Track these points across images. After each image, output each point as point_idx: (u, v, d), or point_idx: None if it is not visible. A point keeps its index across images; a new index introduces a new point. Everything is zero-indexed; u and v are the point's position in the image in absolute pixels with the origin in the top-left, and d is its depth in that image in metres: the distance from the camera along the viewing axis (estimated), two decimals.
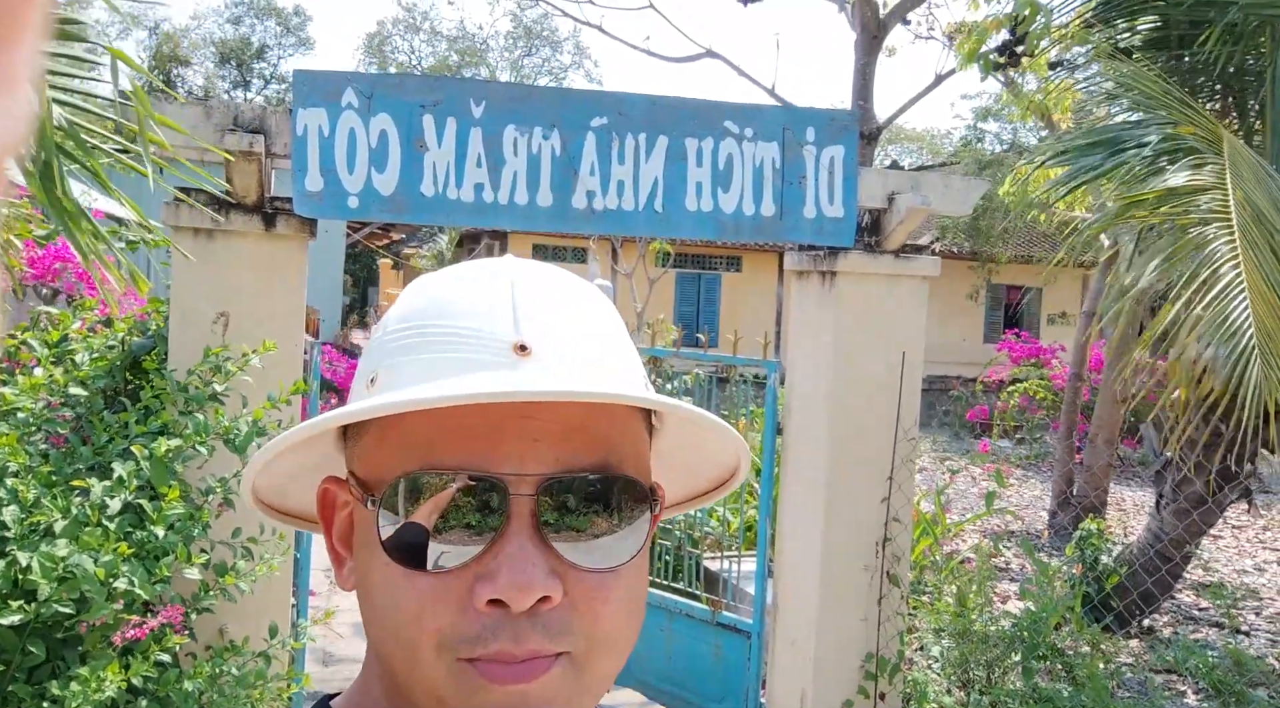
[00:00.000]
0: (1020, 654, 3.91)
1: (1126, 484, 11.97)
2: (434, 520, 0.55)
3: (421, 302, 0.61)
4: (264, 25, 37.00)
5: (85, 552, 2.17)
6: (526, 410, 0.56)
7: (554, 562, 0.55)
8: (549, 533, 0.55)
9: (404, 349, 0.58)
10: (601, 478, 0.57)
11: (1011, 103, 10.25)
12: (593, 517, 0.57)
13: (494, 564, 0.54)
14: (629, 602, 0.58)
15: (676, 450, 0.68)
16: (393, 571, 0.56)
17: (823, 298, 3.91)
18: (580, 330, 0.59)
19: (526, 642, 0.54)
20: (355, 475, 0.60)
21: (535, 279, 0.61)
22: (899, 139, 37.52)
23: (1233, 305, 3.44)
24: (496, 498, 0.55)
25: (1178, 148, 3.88)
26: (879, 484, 3.89)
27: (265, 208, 3.16)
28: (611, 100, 3.46)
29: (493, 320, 0.57)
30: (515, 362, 0.55)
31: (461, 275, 0.62)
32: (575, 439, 0.57)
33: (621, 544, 0.58)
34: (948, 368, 19.28)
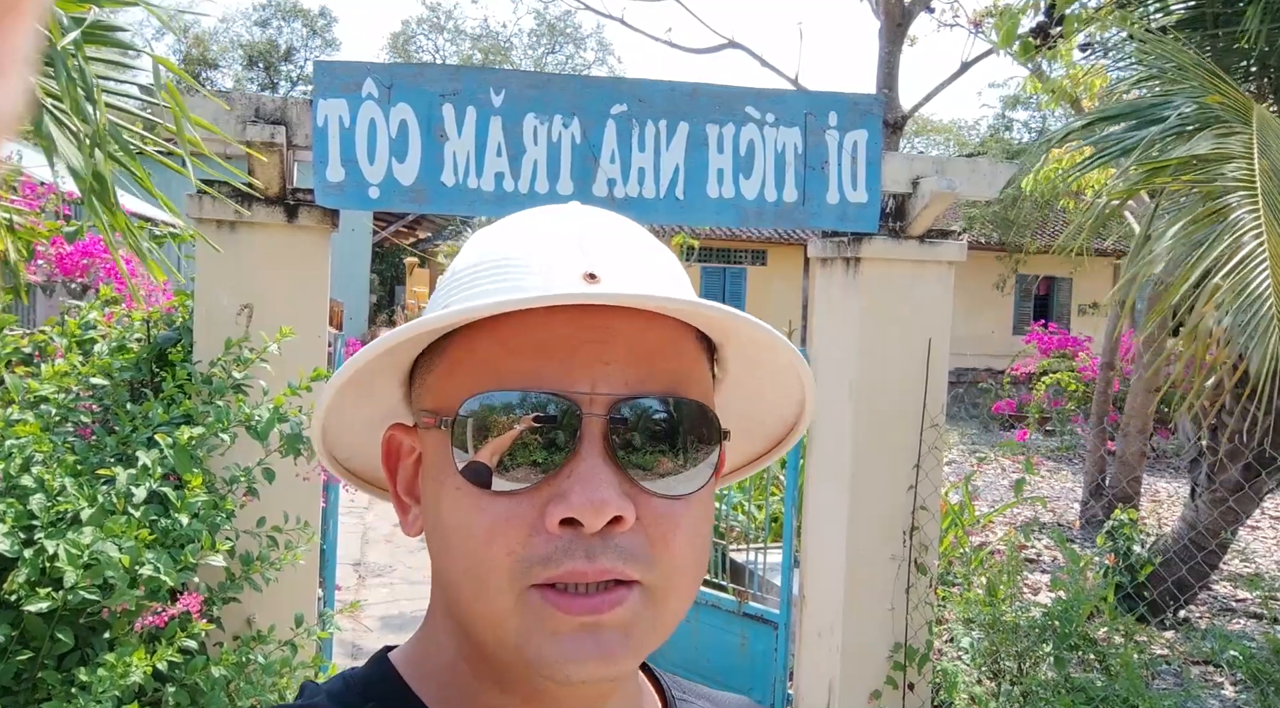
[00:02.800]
0: (1052, 644, 3.85)
1: (1160, 475, 11.80)
2: (507, 442, 0.55)
3: (488, 244, 0.61)
4: (291, 27, 37.31)
5: (110, 539, 2.18)
6: (599, 334, 0.56)
7: (626, 484, 0.55)
8: (621, 456, 0.55)
9: (474, 281, 0.58)
10: (673, 401, 0.57)
11: (1039, 90, 10.11)
12: (663, 443, 0.56)
13: (566, 484, 0.54)
14: (697, 535, 0.58)
15: (736, 407, 0.67)
16: (464, 494, 0.56)
17: (847, 285, 3.86)
18: (645, 263, 0.59)
19: (598, 560, 0.54)
20: (425, 409, 0.60)
21: (599, 218, 0.62)
22: (925, 131, 37.16)
23: (1254, 275, 3.36)
24: (569, 418, 0.55)
25: (1205, 118, 3.79)
26: (906, 473, 3.85)
27: (287, 200, 3.17)
28: (631, 87, 3.44)
29: (561, 253, 0.57)
30: (587, 286, 0.55)
31: (525, 218, 0.63)
32: (645, 365, 0.57)
33: (691, 474, 0.57)
34: (976, 360, 19.09)
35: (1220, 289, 3.37)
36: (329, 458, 0.69)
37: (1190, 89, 4.14)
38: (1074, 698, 3.64)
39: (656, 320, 0.58)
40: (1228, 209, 3.48)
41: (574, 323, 0.56)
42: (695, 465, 0.58)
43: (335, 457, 0.69)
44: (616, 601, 0.54)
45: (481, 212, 3.37)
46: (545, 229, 0.60)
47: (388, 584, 6.79)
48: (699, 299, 0.56)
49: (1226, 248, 3.37)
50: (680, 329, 0.59)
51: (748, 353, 0.64)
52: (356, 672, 0.63)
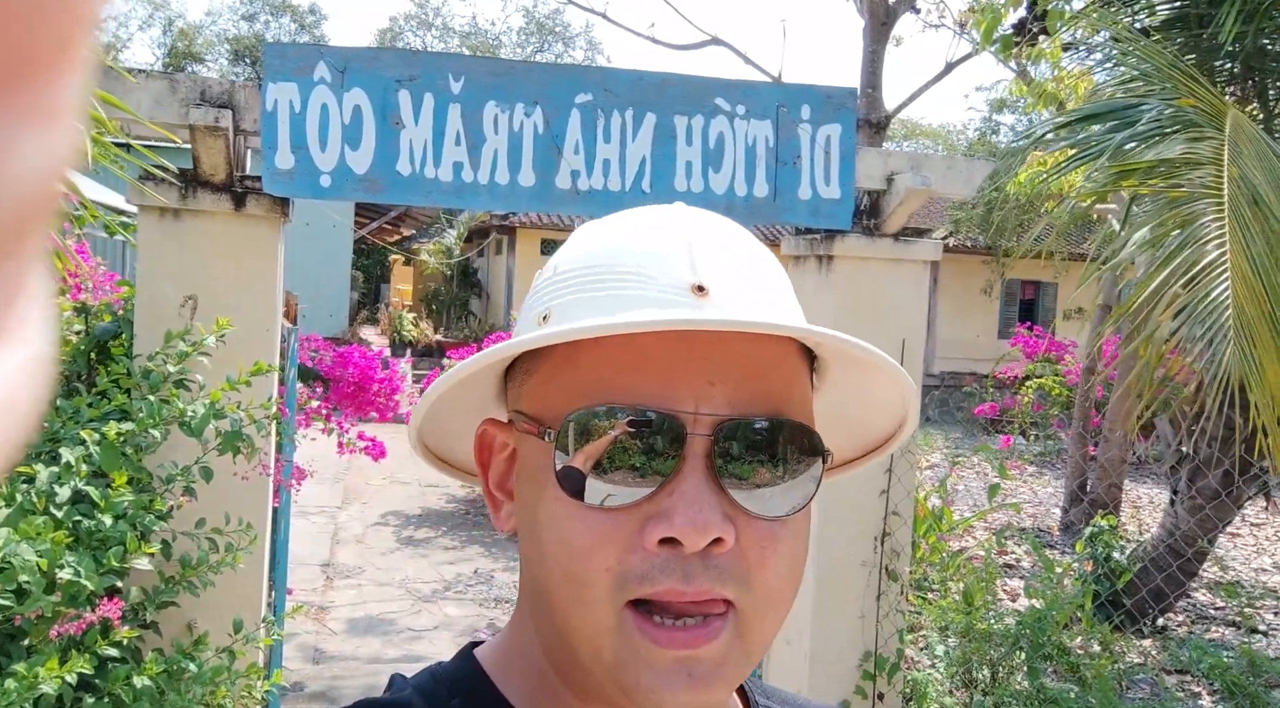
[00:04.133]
0: (1025, 654, 3.75)
1: (1142, 481, 11.76)
2: (607, 456, 0.55)
3: (594, 244, 0.61)
4: (278, 22, 37.08)
5: (25, 540, 2.06)
6: (704, 352, 0.56)
7: (727, 506, 0.55)
8: (723, 477, 0.55)
9: (578, 287, 0.58)
10: (776, 424, 0.57)
11: (1024, 93, 10.05)
12: (764, 464, 0.56)
13: (668, 503, 0.54)
14: (794, 557, 0.58)
15: (834, 412, 0.67)
16: (564, 505, 0.56)
17: (819, 283, 3.76)
18: (754, 274, 0.59)
19: (696, 581, 0.54)
20: (523, 412, 0.60)
21: (708, 224, 0.61)
22: (915, 134, 37.25)
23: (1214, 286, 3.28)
24: (673, 437, 0.55)
25: (1180, 121, 3.71)
26: (878, 478, 3.75)
27: (235, 187, 3.05)
28: (597, 76, 3.33)
29: (669, 261, 0.57)
30: (694, 301, 0.55)
31: (632, 220, 0.62)
32: (751, 385, 0.57)
33: (791, 495, 0.58)
34: (961, 364, 19.06)
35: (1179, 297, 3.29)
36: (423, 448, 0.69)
37: (1165, 91, 4.06)
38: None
39: (762, 338, 0.57)
40: (1193, 217, 3.40)
41: (681, 340, 0.56)
42: (796, 485, 0.58)
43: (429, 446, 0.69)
44: (711, 635, 0.54)
45: (439, 202, 3.25)
46: (653, 232, 0.60)
47: (356, 586, 6.65)
48: (808, 325, 0.56)
49: (1188, 256, 3.29)
50: (784, 345, 0.59)
51: (850, 370, 0.64)
52: (444, 667, 0.64)
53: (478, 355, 0.57)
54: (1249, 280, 3.29)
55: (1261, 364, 3.23)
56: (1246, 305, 3.23)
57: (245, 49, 35.35)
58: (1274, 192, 3.52)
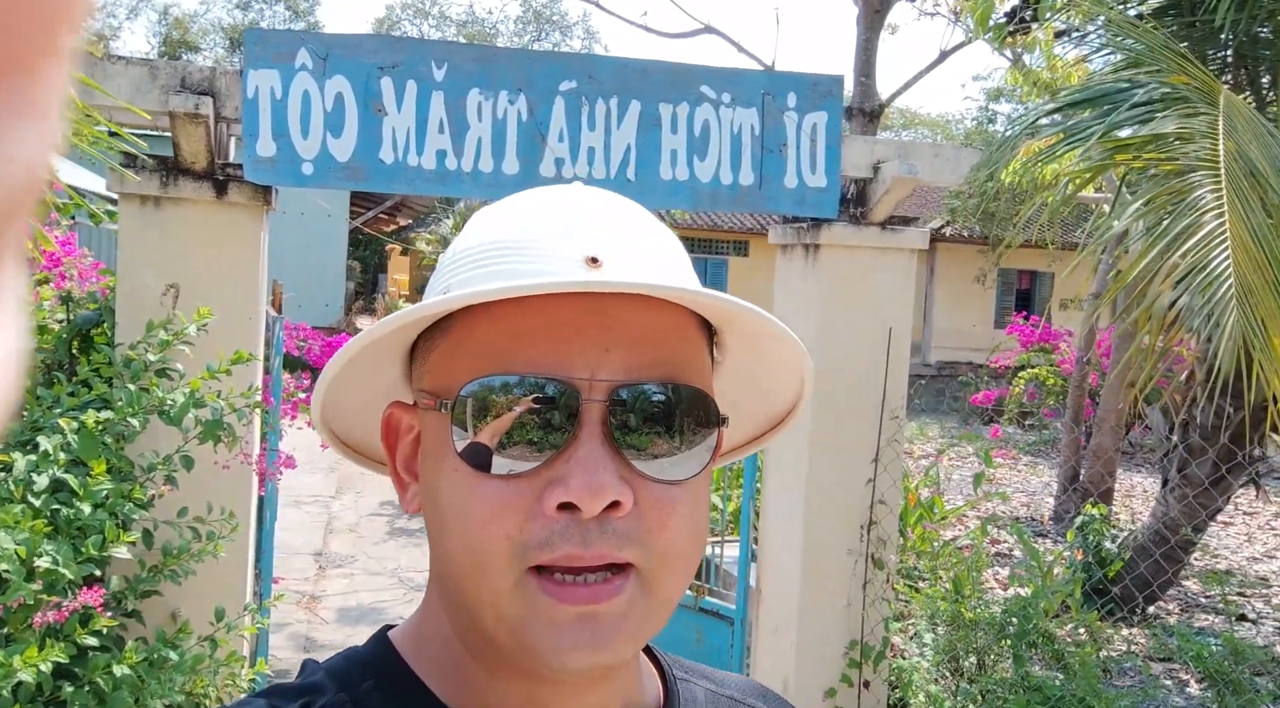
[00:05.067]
0: (1010, 642, 3.76)
1: (1136, 470, 11.78)
2: (505, 425, 0.55)
3: (491, 224, 0.61)
4: (272, 10, 36.87)
5: (2, 529, 2.05)
6: (600, 320, 0.56)
7: (624, 469, 0.55)
8: (619, 441, 0.56)
9: (476, 263, 0.59)
10: (672, 388, 0.57)
11: (1019, 82, 10.02)
12: (662, 428, 0.57)
13: (565, 469, 0.54)
14: (694, 520, 0.59)
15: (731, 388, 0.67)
16: (463, 476, 0.56)
17: (806, 272, 3.76)
18: (648, 247, 0.60)
19: (595, 545, 0.54)
20: (425, 389, 0.61)
21: (602, 200, 0.62)
22: (913, 124, 37.13)
23: (1214, 255, 3.26)
24: (569, 403, 0.55)
25: (1172, 99, 3.69)
26: (865, 467, 3.75)
27: (216, 175, 3.03)
28: (581, 63, 3.31)
29: (564, 236, 0.58)
30: (588, 271, 0.56)
31: (529, 199, 0.63)
32: (647, 351, 0.57)
33: (689, 458, 0.58)
34: (958, 353, 19.05)
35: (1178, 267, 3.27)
36: (329, 432, 0.69)
37: (1159, 72, 4.04)
38: (1030, 697, 3.56)
39: (657, 306, 0.57)
40: (1189, 187, 3.39)
41: (575, 308, 0.56)
42: (692, 451, 0.58)
43: (334, 431, 0.69)
44: (614, 591, 0.55)
45: (422, 190, 3.24)
46: (548, 210, 0.60)
47: (348, 575, 6.66)
48: (701, 288, 0.56)
49: (1186, 226, 3.27)
50: (681, 314, 0.59)
51: (748, 339, 0.64)
52: (358, 650, 0.64)
53: (372, 328, 0.58)
54: (1250, 249, 3.26)
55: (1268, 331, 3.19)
56: (1249, 274, 3.20)
57: (240, 37, 35.19)
58: (1270, 166, 3.50)
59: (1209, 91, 3.70)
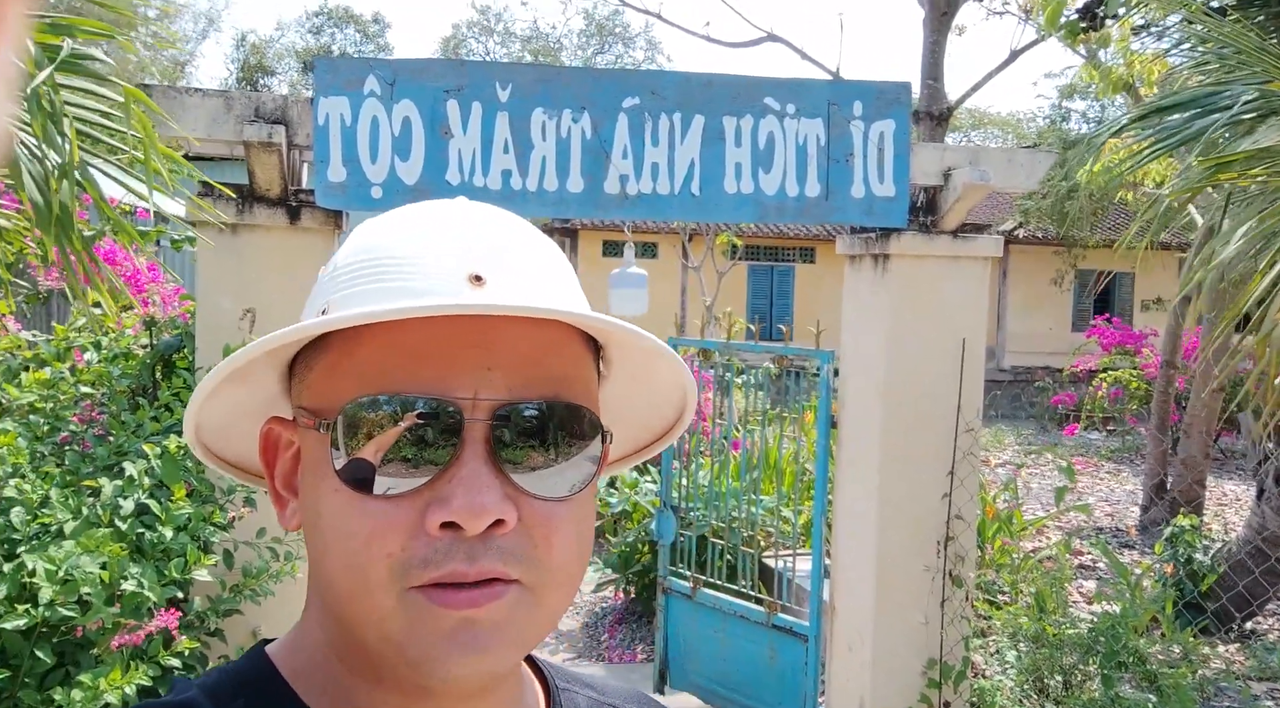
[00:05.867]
0: (1099, 661, 3.62)
1: (1227, 477, 11.30)
2: (385, 445, 0.55)
3: (372, 238, 0.60)
4: (344, 33, 37.88)
5: (88, 553, 2.12)
6: (482, 339, 0.56)
7: (507, 488, 0.56)
8: (502, 460, 0.56)
9: (355, 280, 0.58)
10: (554, 406, 0.57)
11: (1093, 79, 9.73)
12: (544, 446, 0.57)
13: (447, 488, 0.54)
14: (579, 534, 0.59)
15: (623, 397, 0.68)
16: (344, 496, 0.56)
17: (875, 283, 3.68)
18: (533, 265, 0.59)
19: (479, 561, 0.54)
20: (304, 408, 0.60)
21: (488, 217, 0.61)
22: (982, 124, 36.40)
23: None
24: (451, 423, 0.55)
25: (1269, 107, 3.53)
26: (940, 480, 3.66)
27: (289, 201, 3.10)
28: (644, 79, 3.31)
29: (446, 252, 0.57)
30: (470, 290, 0.55)
31: (412, 214, 0.62)
32: (529, 369, 0.57)
33: (572, 474, 0.58)
34: (1033, 358, 18.56)
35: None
36: (202, 449, 0.68)
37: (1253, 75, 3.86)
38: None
39: (541, 323, 0.57)
40: None
41: (457, 326, 0.55)
42: (576, 468, 0.58)
43: (209, 448, 0.68)
44: (494, 595, 0.55)
45: None
46: (430, 226, 0.60)
47: None
48: (578, 310, 0.56)
49: None
50: (565, 331, 0.59)
51: (631, 355, 0.64)
52: (233, 665, 0.64)
53: (245, 348, 0.57)
54: None
55: None
56: None
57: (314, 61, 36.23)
58: None
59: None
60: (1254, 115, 3.63)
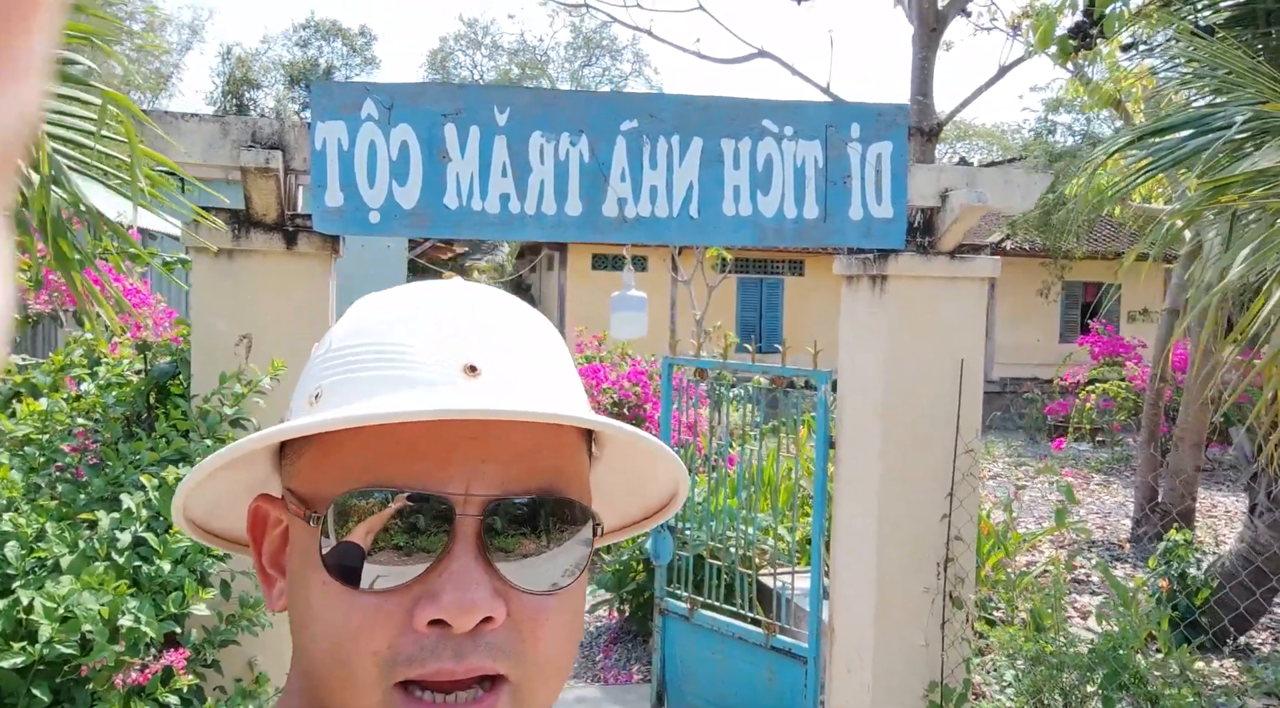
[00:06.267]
0: (1100, 682, 3.62)
1: (1216, 488, 11.35)
2: (376, 539, 0.55)
3: (368, 320, 0.60)
4: (331, 47, 37.84)
5: (87, 589, 2.08)
6: (475, 431, 0.55)
7: (497, 583, 0.55)
8: (493, 554, 0.55)
9: (349, 366, 0.58)
10: (547, 501, 0.57)
11: (1080, 94, 9.80)
12: (535, 539, 0.56)
13: (437, 584, 0.54)
14: (568, 626, 0.59)
15: (615, 477, 0.67)
16: (332, 588, 0.55)
17: (873, 303, 3.68)
18: (528, 354, 0.59)
19: (467, 659, 0.54)
20: (294, 492, 0.59)
21: (483, 302, 0.61)
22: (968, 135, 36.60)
23: None
24: (442, 518, 0.55)
25: (1267, 127, 3.55)
26: (938, 501, 3.65)
27: (286, 226, 3.08)
28: (642, 102, 3.30)
29: (441, 340, 0.57)
30: (465, 381, 0.55)
31: (408, 295, 0.62)
32: (522, 462, 0.56)
33: (562, 567, 0.58)
34: (1021, 369, 18.63)
35: None
36: (190, 525, 0.67)
37: (1246, 96, 3.89)
38: None
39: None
40: None
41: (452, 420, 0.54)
42: (568, 554, 0.58)
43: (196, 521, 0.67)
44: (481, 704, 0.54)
45: (487, 235, 3.25)
46: (426, 311, 0.59)
47: None
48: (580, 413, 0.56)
49: None
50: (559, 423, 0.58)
51: (625, 450, 0.64)
52: None
53: (239, 442, 0.57)
54: None
55: None
56: None
57: (300, 73, 36.14)
58: None
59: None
60: (1249, 136, 3.65)
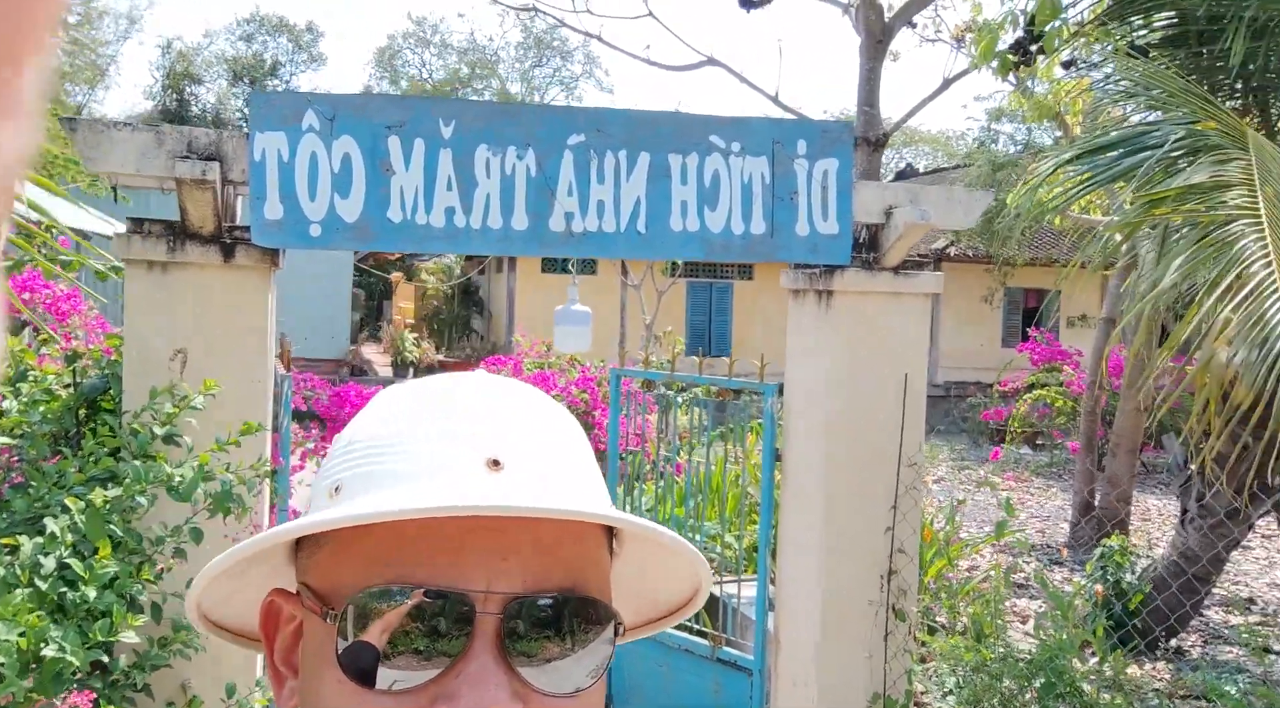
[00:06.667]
0: (1038, 693, 3.69)
1: (1151, 491, 11.66)
2: (394, 640, 0.53)
3: (388, 413, 0.59)
4: (276, 42, 37.16)
5: (2, 621, 2.00)
6: (497, 525, 0.54)
7: (516, 684, 0.54)
8: (512, 655, 0.54)
9: (369, 460, 0.57)
10: (569, 600, 0.56)
11: (1022, 106, 10.01)
12: (559, 642, 0.55)
13: (454, 684, 0.53)
14: None
15: (634, 574, 0.66)
16: (346, 688, 0.54)
17: (819, 318, 3.71)
18: (551, 449, 0.58)
19: None
20: (310, 587, 0.58)
21: (505, 396, 0.60)
22: (914, 141, 37.21)
23: (1267, 306, 3.20)
24: (461, 616, 0.53)
25: (1199, 145, 3.65)
26: (883, 514, 3.69)
27: (224, 238, 3.00)
28: (589, 116, 3.29)
29: (463, 434, 0.56)
30: (487, 475, 0.54)
31: (430, 388, 0.61)
32: (544, 559, 0.55)
33: (583, 668, 0.57)
34: (965, 373, 18.97)
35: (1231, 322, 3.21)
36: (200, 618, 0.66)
37: (1180, 115, 4.00)
38: None
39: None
40: (1233, 238, 3.33)
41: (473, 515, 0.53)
42: (590, 656, 0.57)
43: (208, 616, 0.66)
44: None
45: (432, 248, 3.21)
46: (450, 404, 0.59)
47: None
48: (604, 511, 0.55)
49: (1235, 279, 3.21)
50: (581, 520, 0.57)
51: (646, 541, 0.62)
52: None
53: (259, 537, 0.56)
54: None
55: None
56: None
57: (244, 69, 35.44)
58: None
59: (1237, 135, 3.66)
60: (1183, 152, 3.75)
